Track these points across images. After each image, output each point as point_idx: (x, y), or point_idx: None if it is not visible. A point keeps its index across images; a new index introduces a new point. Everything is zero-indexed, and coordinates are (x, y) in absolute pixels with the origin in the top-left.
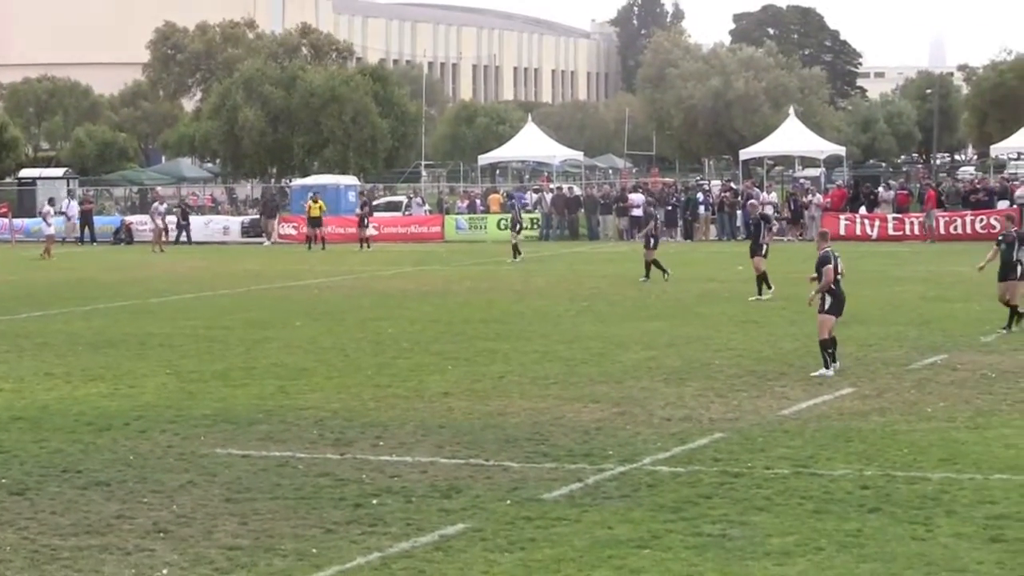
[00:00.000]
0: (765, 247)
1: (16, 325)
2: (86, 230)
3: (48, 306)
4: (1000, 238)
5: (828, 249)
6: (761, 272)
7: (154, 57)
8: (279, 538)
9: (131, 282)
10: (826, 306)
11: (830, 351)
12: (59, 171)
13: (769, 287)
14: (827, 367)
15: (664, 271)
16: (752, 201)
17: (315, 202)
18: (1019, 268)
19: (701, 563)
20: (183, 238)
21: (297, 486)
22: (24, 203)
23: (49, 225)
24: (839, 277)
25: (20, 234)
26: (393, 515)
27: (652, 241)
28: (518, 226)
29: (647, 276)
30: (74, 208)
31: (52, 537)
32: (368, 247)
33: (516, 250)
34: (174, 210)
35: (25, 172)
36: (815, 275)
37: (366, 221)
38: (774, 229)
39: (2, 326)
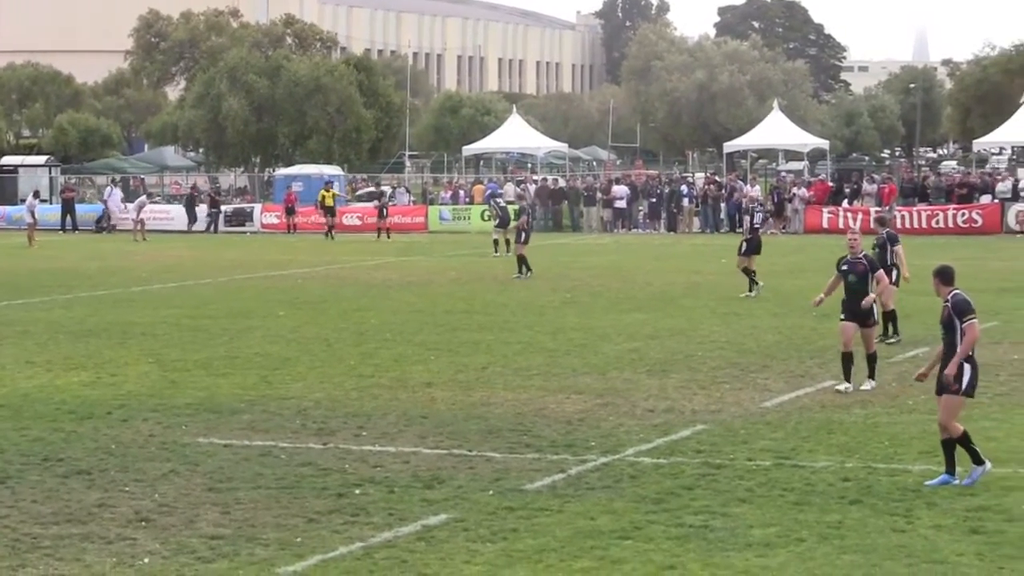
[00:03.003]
0: (743, 244)
1: None
2: (68, 218)
3: (29, 294)
4: (874, 241)
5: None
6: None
7: (138, 45)
8: (261, 527)
9: (113, 271)
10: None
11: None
12: (41, 159)
13: (755, 284)
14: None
15: (527, 270)
16: (751, 192)
17: (327, 191)
18: (894, 272)
19: (683, 554)
20: (211, 228)
21: (279, 476)
22: (5, 190)
23: (32, 215)
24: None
25: (2, 221)
26: (375, 505)
27: (524, 235)
28: (498, 220)
29: (521, 272)
30: (116, 196)
31: (33, 526)
32: (388, 237)
33: (497, 245)
34: (204, 198)
35: (6, 159)
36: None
37: (385, 211)
38: (750, 223)
39: None
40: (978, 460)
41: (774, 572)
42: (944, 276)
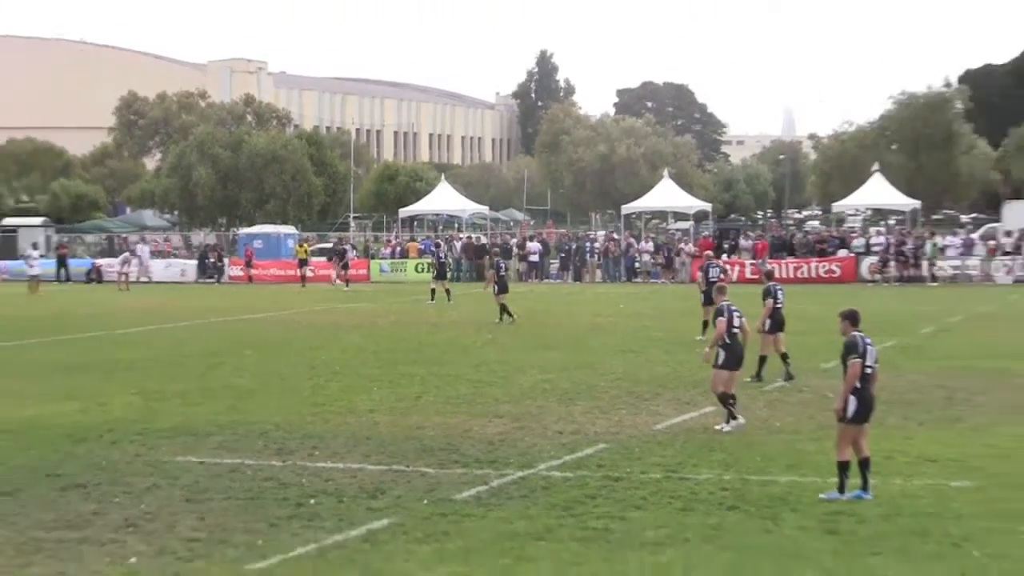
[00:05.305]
0: (702, 295)
1: None
2: (62, 271)
3: (26, 336)
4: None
5: (724, 303)
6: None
7: (119, 122)
8: (231, 532)
9: (101, 316)
10: (719, 360)
11: (730, 403)
12: (38, 220)
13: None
14: (727, 420)
15: (510, 315)
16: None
17: (301, 246)
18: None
19: (587, 553)
20: (218, 279)
21: (246, 488)
22: (7, 248)
23: (32, 267)
24: (734, 331)
25: (5, 274)
26: (328, 512)
27: (495, 287)
28: (436, 272)
29: (512, 317)
30: (146, 251)
31: (37, 531)
32: (347, 287)
33: (445, 294)
34: (224, 256)
35: (8, 221)
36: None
37: (348, 264)
38: (705, 278)
39: None
40: (840, 488)
41: (664, 568)
42: (851, 318)
